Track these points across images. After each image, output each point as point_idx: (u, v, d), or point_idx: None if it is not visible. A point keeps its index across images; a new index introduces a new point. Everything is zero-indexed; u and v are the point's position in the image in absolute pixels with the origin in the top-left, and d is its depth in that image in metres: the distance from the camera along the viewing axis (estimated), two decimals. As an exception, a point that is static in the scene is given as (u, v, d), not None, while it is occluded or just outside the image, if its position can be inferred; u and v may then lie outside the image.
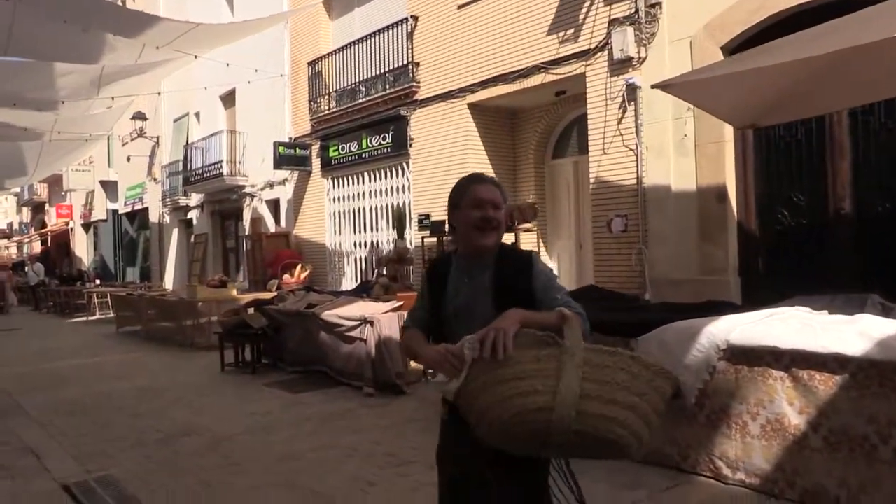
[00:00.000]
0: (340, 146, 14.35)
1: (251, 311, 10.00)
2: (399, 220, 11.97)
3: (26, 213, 43.59)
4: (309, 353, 9.04)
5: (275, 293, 11.55)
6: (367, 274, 14.00)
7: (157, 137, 23.15)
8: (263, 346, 9.81)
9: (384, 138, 13.09)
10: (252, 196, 17.57)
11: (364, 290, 11.28)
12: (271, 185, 16.69)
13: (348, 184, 14.46)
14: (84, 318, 19.83)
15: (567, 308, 2.21)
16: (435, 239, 11.37)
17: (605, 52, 9.04)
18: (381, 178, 13.56)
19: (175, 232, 22.47)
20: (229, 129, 18.20)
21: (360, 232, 14.36)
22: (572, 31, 9.48)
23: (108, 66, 11.33)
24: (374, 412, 6.84)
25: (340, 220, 14.83)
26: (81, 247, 33.54)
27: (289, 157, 15.07)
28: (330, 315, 8.52)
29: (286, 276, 13.82)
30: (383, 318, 7.88)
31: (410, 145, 12.46)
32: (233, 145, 17.98)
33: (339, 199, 14.76)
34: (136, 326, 15.23)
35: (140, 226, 26.36)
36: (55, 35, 9.91)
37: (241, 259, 18.97)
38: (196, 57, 11.65)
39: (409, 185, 12.69)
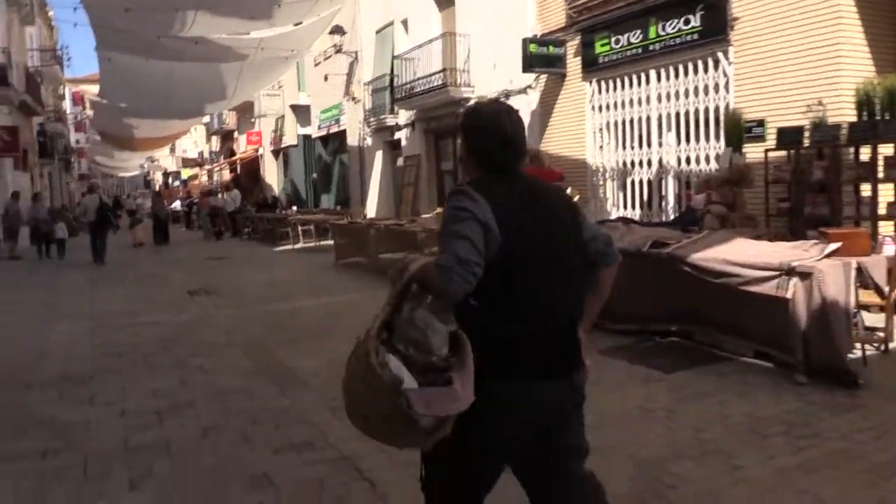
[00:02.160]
0: (613, 39, 11.46)
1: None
2: (735, 128, 9.03)
3: (215, 142, 44.22)
4: (650, 308, 6.57)
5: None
6: (653, 200, 11.25)
7: (356, 53, 21.21)
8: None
9: (687, 22, 10.06)
10: (481, 109, 15.12)
11: (687, 221, 8.66)
12: (506, 95, 14.11)
13: (623, 86, 11.59)
14: (289, 247, 18.67)
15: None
16: (785, 152, 8.39)
17: None
18: (677, 77, 10.57)
19: (378, 155, 20.66)
20: (448, 33, 15.71)
21: (636, 147, 11.54)
22: None
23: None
24: (849, 420, 4.21)
25: (608, 132, 12.05)
26: (271, 174, 33.06)
27: (541, 57, 12.39)
28: (711, 260, 5.89)
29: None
30: (825, 270, 5.13)
31: (731, 29, 9.38)
32: (453, 51, 15.52)
33: (607, 106, 11.95)
34: (356, 258, 13.50)
35: (336, 150, 24.93)
36: None
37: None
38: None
39: (726, 83, 9.65)
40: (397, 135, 19.31)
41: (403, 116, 18.73)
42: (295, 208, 24.09)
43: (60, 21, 54.25)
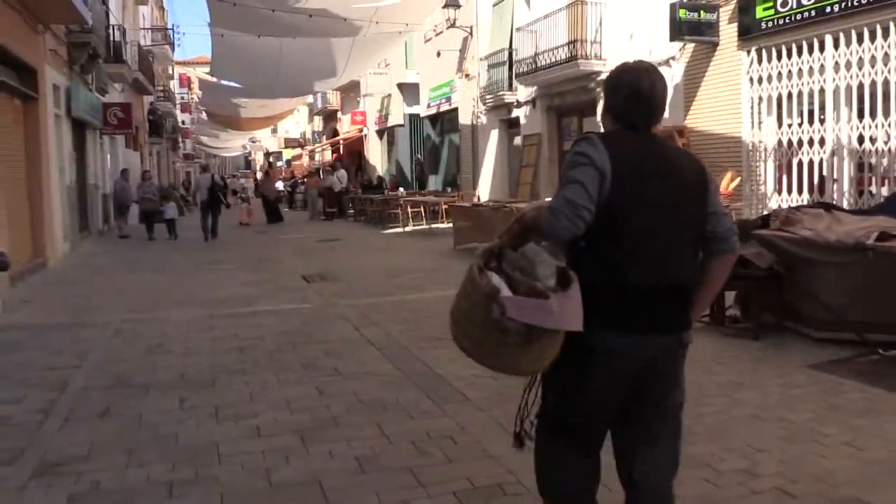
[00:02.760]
0: (780, 2, 9.99)
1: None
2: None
3: (318, 123, 44.31)
4: (872, 314, 5.44)
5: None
6: (827, 185, 9.78)
7: (471, 28, 20.19)
8: (762, 294, 6.22)
9: (880, -23, 8.54)
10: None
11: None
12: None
13: (789, 55, 10.12)
14: (399, 229, 17.99)
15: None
16: None
17: None
18: (861, 43, 9.05)
19: (493, 134, 19.63)
20: (577, 1, 14.46)
21: (805, 124, 10.07)
22: None
23: None
24: None
25: (768, 107, 10.61)
26: (375, 154, 32.64)
27: (690, 23, 11.03)
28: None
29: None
30: None
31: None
32: (582, 21, 14.27)
33: (768, 77, 10.51)
34: (477, 243, 12.55)
35: (446, 129, 24.09)
36: None
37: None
38: None
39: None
40: (515, 112, 18.22)
41: (523, 93, 17.62)
42: (402, 190, 23.38)
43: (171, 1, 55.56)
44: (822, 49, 9.64)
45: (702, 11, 11.05)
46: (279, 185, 34.92)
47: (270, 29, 15.19)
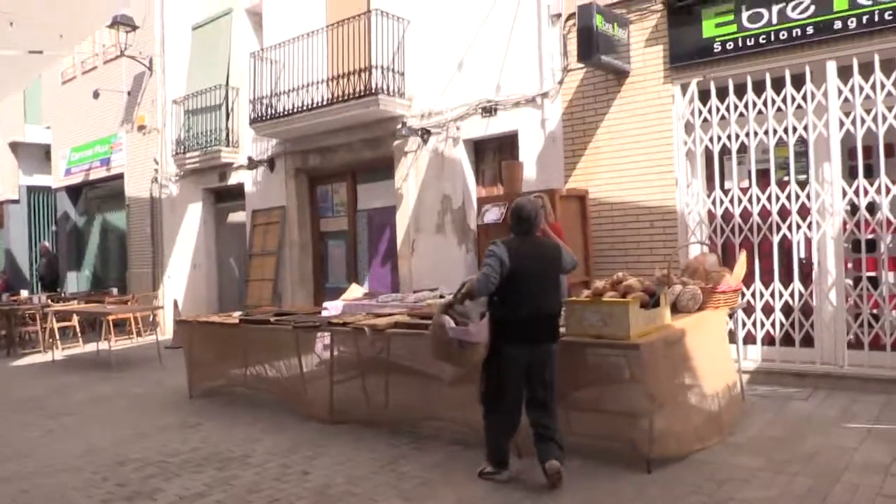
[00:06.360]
0: (748, 14, 6.98)
1: None
2: None
3: None
4: None
5: None
6: (819, 273, 6.74)
7: (150, 59, 14.28)
8: None
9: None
10: (427, 133, 9.58)
11: None
12: (491, 111, 8.89)
13: (756, 90, 7.04)
14: (43, 357, 11.50)
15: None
16: None
17: None
18: (863, 75, 6.34)
19: (193, 210, 13.73)
20: (351, 17, 10.03)
21: (772, 186, 7.03)
22: None
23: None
24: None
25: (714, 163, 7.40)
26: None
27: (606, 38, 7.45)
28: None
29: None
30: None
31: None
32: (365, 43, 9.86)
33: (722, 119, 7.31)
34: (223, 381, 7.33)
35: (98, 204, 17.14)
36: None
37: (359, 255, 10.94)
38: None
39: None
40: (235, 178, 12.73)
41: (250, 149, 12.33)
42: (27, 293, 15.56)
43: None
44: (819, 79, 6.77)
45: (615, 25, 7.57)
46: None
47: None
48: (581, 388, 5.28)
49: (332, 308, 8.09)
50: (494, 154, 9.24)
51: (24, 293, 15.00)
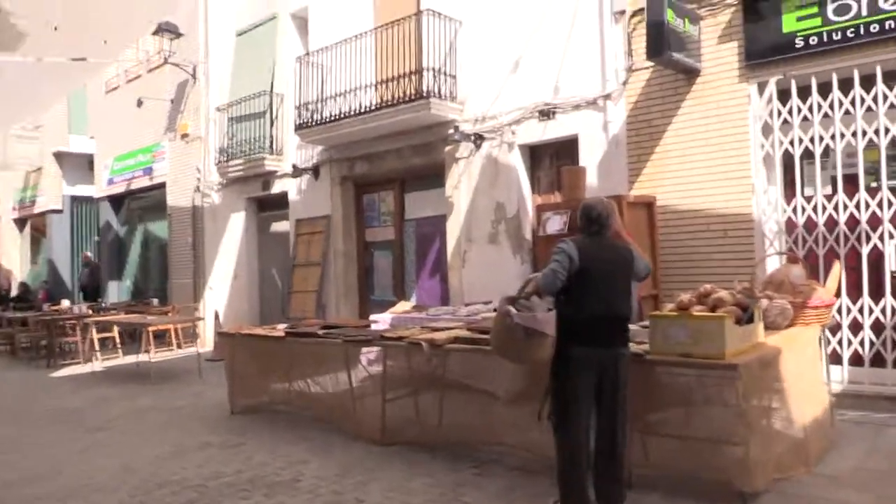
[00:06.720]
0: (830, 8, 6.42)
1: None
2: None
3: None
4: None
5: None
6: None
7: (193, 67, 14.14)
8: None
9: None
10: (480, 138, 9.16)
11: None
12: (549, 114, 8.43)
13: (846, 89, 6.48)
14: (82, 368, 11.29)
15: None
16: None
17: None
18: None
19: (236, 219, 13.49)
20: (402, 19, 9.66)
21: (861, 192, 6.43)
22: None
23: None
24: None
25: (796, 166, 6.83)
26: (10, 252, 23.33)
27: (677, 35, 6.95)
28: None
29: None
30: None
31: None
32: (417, 45, 9.49)
33: (795, 123, 6.75)
34: (266, 397, 6.88)
35: (141, 214, 17.07)
36: None
37: (408, 267, 10.50)
38: None
39: None
40: (279, 187, 12.45)
41: (294, 157, 12.04)
42: (68, 303, 15.46)
43: None
44: (917, 75, 6.19)
45: (686, 20, 7.07)
46: None
47: None
48: (661, 411, 4.77)
49: (381, 321, 7.68)
50: (552, 160, 8.77)
51: (66, 303, 14.87)
